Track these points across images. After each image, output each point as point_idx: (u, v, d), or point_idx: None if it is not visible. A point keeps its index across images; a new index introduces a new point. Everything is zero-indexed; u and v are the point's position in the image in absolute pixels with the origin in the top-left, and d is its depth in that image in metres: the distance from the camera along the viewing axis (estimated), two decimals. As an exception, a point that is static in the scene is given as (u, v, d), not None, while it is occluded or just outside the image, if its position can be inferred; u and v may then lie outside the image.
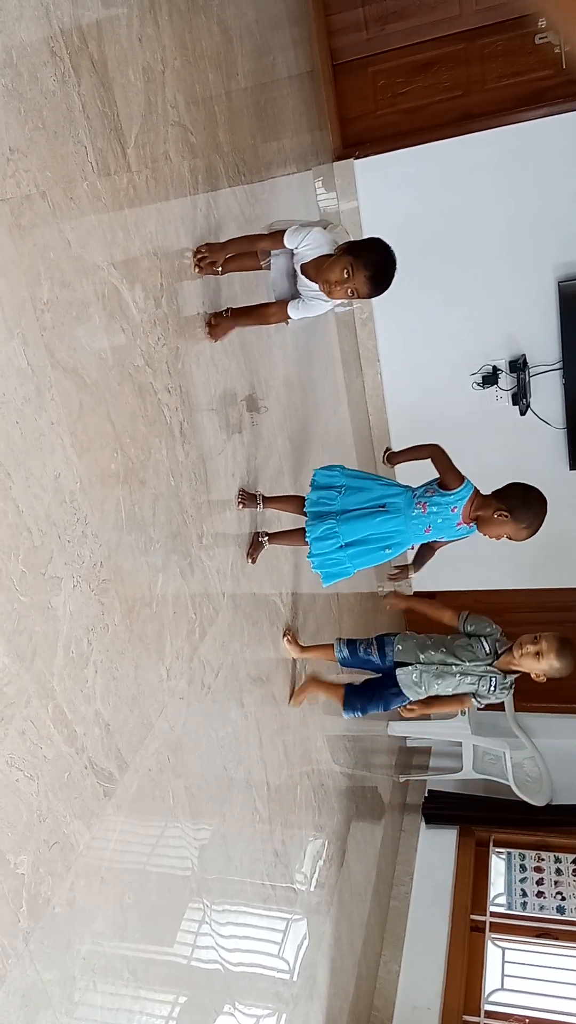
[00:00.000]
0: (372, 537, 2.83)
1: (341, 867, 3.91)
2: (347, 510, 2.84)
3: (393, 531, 2.82)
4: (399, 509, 2.81)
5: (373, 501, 2.84)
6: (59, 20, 1.93)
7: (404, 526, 2.81)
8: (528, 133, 4.32)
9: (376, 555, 2.86)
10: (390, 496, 2.85)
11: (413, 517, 2.80)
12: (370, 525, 2.81)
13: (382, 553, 2.85)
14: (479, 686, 3.06)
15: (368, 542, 2.83)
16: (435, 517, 2.79)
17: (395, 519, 2.81)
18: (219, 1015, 2.51)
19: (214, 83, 2.92)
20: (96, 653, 1.94)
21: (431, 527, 2.81)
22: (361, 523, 2.82)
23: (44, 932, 1.68)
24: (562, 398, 4.80)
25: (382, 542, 2.83)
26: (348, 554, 2.85)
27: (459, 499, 2.75)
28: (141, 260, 2.29)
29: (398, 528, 2.81)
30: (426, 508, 2.79)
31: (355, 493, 2.88)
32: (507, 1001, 4.23)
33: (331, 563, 2.89)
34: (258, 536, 3.08)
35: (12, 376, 1.69)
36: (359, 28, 4.52)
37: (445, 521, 2.79)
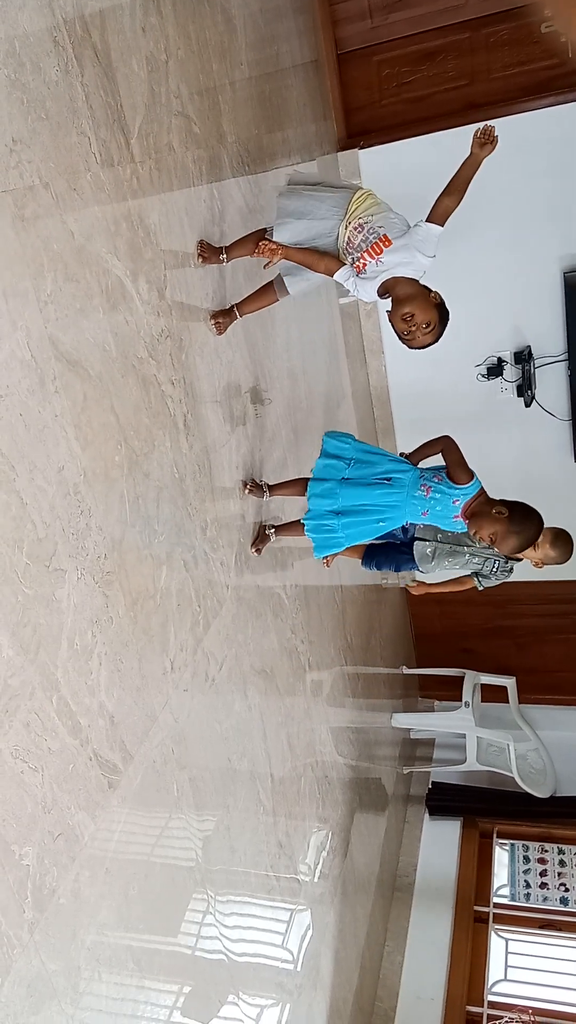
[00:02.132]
0: (369, 507, 2.82)
1: (345, 858, 3.92)
2: (351, 479, 2.85)
3: (391, 505, 2.82)
4: (403, 486, 2.82)
5: (380, 475, 2.85)
6: (62, 9, 1.92)
7: (403, 502, 2.81)
8: (534, 123, 4.29)
9: (369, 527, 2.86)
10: (397, 471, 2.85)
11: (415, 497, 2.80)
12: (370, 495, 2.81)
13: (375, 526, 2.85)
14: (484, 566, 3.29)
15: (363, 512, 2.83)
16: (435, 503, 2.79)
17: (397, 494, 2.81)
18: (223, 1005, 2.52)
19: (218, 73, 2.90)
20: (100, 645, 1.95)
21: (428, 511, 2.80)
22: (362, 491, 2.82)
23: (49, 923, 1.68)
24: (567, 390, 4.79)
25: (377, 514, 2.83)
26: (342, 523, 2.85)
27: (464, 494, 2.76)
28: (145, 251, 2.28)
29: (397, 503, 2.81)
30: (429, 492, 2.80)
31: (363, 466, 2.88)
32: (510, 992, 4.24)
33: (324, 531, 2.89)
34: (264, 528, 3.07)
35: (16, 368, 1.69)
36: (363, 17, 4.49)
37: (444, 510, 2.79)
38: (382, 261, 2.53)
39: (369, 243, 2.54)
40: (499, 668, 5.58)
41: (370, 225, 2.56)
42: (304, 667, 3.53)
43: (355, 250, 2.57)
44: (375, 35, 4.51)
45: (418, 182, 4.49)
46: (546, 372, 4.79)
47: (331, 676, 3.98)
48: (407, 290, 2.54)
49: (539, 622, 5.78)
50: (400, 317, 2.53)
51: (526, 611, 5.78)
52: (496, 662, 5.75)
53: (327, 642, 3.94)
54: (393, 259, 2.53)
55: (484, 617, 5.92)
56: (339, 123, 4.67)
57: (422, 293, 2.54)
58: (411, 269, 2.54)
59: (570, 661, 5.75)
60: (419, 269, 2.55)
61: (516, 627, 5.88)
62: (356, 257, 2.57)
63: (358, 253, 2.56)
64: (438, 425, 3.02)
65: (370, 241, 2.54)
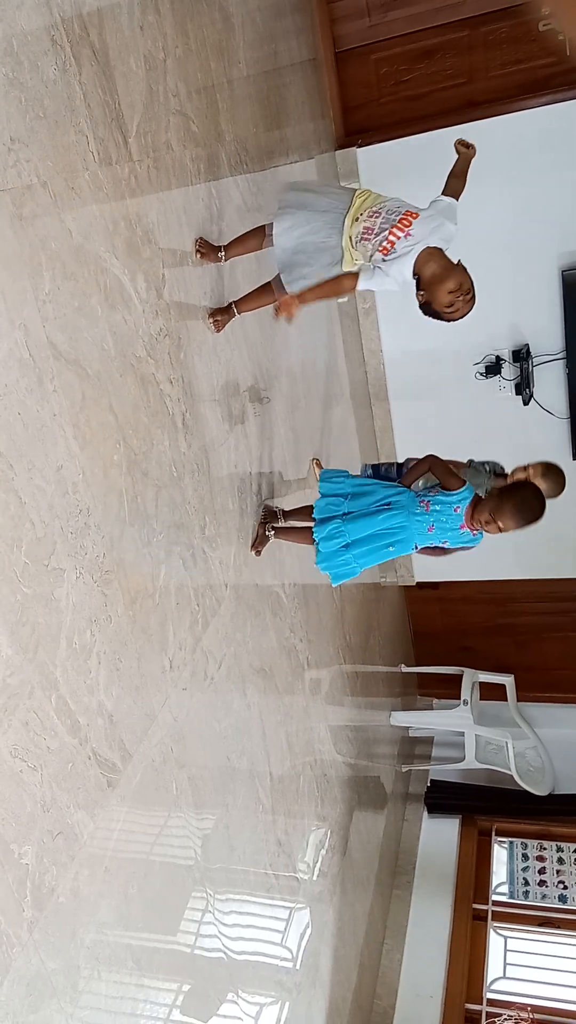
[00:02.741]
0: (377, 534, 2.86)
1: (344, 856, 3.93)
2: (353, 512, 2.90)
3: (397, 527, 2.85)
4: (403, 506, 2.86)
5: (378, 502, 2.89)
6: (60, 8, 1.92)
7: (408, 522, 2.84)
8: (532, 121, 4.29)
9: (381, 553, 2.90)
10: (394, 495, 2.90)
11: (416, 514, 2.84)
12: (375, 523, 2.85)
13: (386, 551, 2.89)
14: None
15: (373, 539, 2.87)
16: (438, 516, 2.81)
17: (399, 515, 2.85)
18: (222, 1003, 2.53)
19: (216, 71, 2.90)
20: (99, 644, 1.95)
21: (434, 526, 2.83)
22: (366, 521, 2.86)
23: (48, 921, 1.68)
24: (566, 388, 4.79)
25: (386, 539, 2.86)
26: (354, 553, 2.89)
27: (461, 499, 2.79)
28: (143, 250, 2.28)
29: (402, 524, 2.85)
30: (429, 506, 2.84)
31: (361, 498, 2.93)
32: (509, 989, 4.25)
33: (339, 564, 2.93)
34: (264, 529, 3.08)
35: (14, 367, 1.69)
36: (362, 15, 4.48)
37: (448, 520, 2.81)
38: (411, 234, 2.51)
39: (392, 222, 2.53)
40: (498, 666, 5.58)
41: (387, 207, 2.56)
42: (303, 666, 3.54)
43: (377, 233, 2.54)
44: (373, 33, 4.51)
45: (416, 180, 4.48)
46: (544, 370, 4.79)
47: (330, 675, 3.98)
48: (442, 262, 2.52)
49: (538, 620, 5.79)
50: (445, 291, 2.51)
51: (525, 609, 5.79)
52: (495, 660, 5.75)
53: (326, 641, 3.94)
54: (423, 229, 2.51)
55: (483, 615, 5.93)
56: (337, 121, 4.67)
57: (455, 263, 2.54)
58: (440, 237, 2.53)
59: (569, 659, 5.75)
60: (448, 237, 2.55)
61: (515, 625, 5.88)
62: (380, 240, 2.53)
63: (383, 234, 2.53)
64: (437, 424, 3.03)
65: (393, 220, 2.53)
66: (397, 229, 2.52)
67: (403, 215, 2.53)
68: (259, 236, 2.77)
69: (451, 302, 2.52)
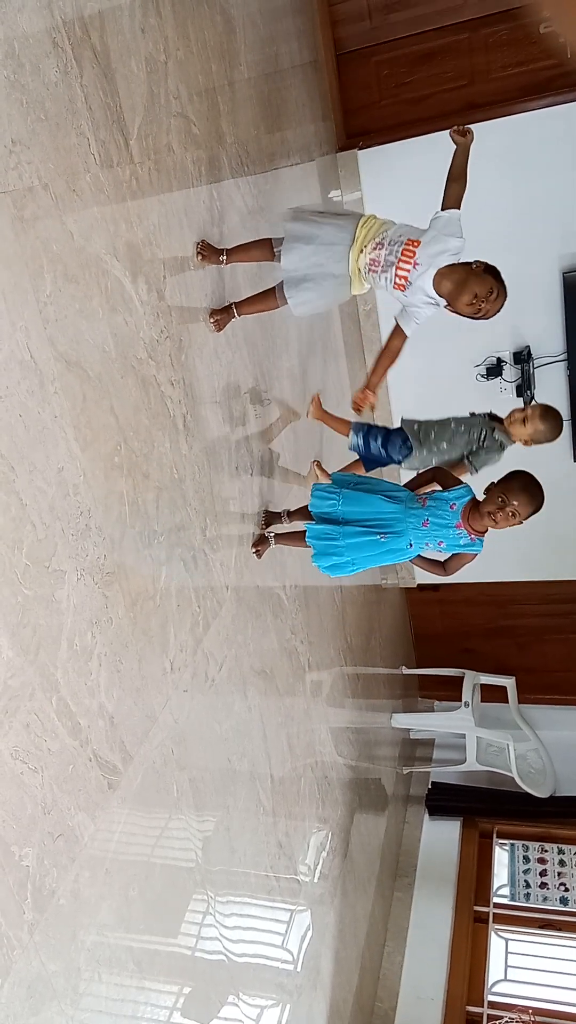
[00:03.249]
0: (369, 519, 2.81)
1: (345, 858, 3.92)
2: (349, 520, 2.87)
3: (392, 516, 2.80)
4: (400, 500, 2.84)
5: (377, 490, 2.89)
6: (61, 11, 1.92)
7: (402, 514, 2.80)
8: (533, 123, 4.30)
9: (371, 541, 2.83)
10: (393, 490, 2.90)
11: (412, 508, 2.81)
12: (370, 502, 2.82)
13: (377, 540, 2.82)
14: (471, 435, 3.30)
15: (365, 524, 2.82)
16: (433, 511, 2.78)
17: (394, 504, 2.81)
18: (223, 1006, 2.52)
19: (217, 74, 2.90)
20: (100, 646, 1.95)
21: (429, 521, 2.78)
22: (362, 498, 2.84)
23: (49, 923, 1.68)
24: (567, 389, 4.79)
25: (379, 527, 2.81)
26: (342, 531, 2.84)
27: (457, 496, 2.77)
28: (144, 252, 2.28)
29: (397, 514, 2.80)
30: (425, 502, 2.82)
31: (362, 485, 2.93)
32: (510, 992, 4.24)
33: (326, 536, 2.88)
34: (265, 532, 3.07)
35: (15, 369, 1.69)
36: (363, 18, 4.49)
37: (444, 517, 2.77)
38: (419, 263, 2.55)
39: (397, 254, 2.57)
40: (499, 668, 5.58)
41: (389, 238, 2.60)
42: (304, 667, 3.54)
43: (385, 267, 2.60)
44: (374, 36, 4.51)
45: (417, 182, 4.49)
46: (545, 372, 4.80)
47: (331, 676, 3.98)
48: (454, 277, 2.55)
49: (539, 622, 5.79)
50: (465, 304, 2.55)
51: (526, 611, 5.79)
52: (496, 662, 5.75)
53: (327, 642, 3.94)
54: (428, 253, 2.55)
55: (484, 617, 5.93)
56: (338, 124, 4.67)
57: (466, 271, 2.55)
58: (448, 255, 2.56)
59: (570, 661, 5.75)
60: (455, 252, 2.57)
61: (516, 627, 5.88)
62: (390, 277, 2.60)
63: (391, 269, 2.59)
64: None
65: (397, 252, 2.57)
66: (403, 263, 2.57)
67: (405, 245, 2.56)
68: (263, 248, 2.79)
69: (476, 310, 2.57)
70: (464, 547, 2.81)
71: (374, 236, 2.62)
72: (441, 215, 2.59)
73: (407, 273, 2.57)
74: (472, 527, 2.75)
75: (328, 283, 2.70)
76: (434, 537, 2.81)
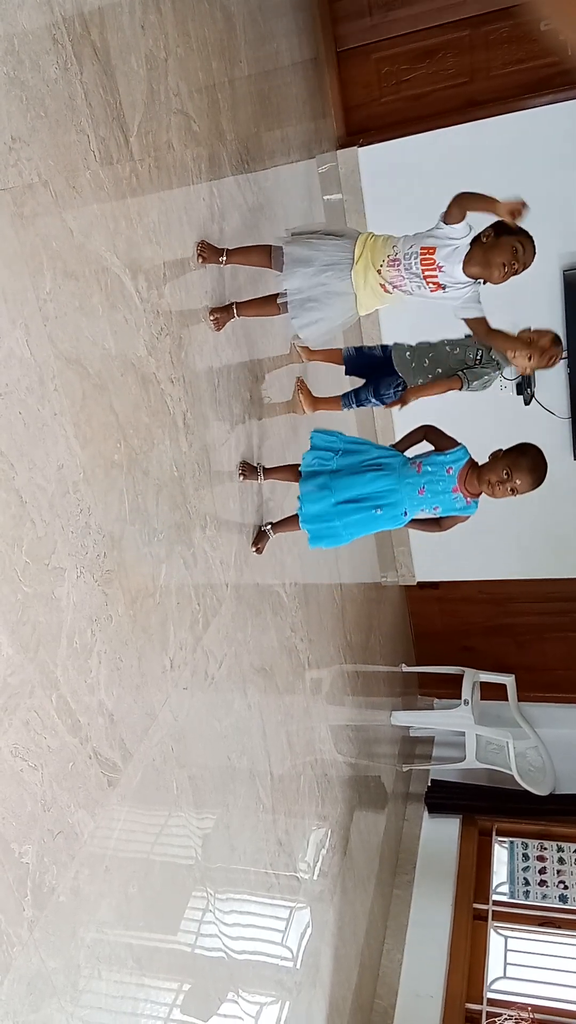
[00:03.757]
0: (364, 496, 2.79)
1: (344, 856, 3.93)
2: (341, 469, 2.84)
3: (386, 490, 2.78)
4: (393, 468, 2.80)
5: (369, 461, 2.83)
6: (61, 7, 1.92)
7: (398, 484, 2.77)
8: (533, 120, 4.29)
9: (366, 516, 2.81)
10: (386, 457, 2.84)
11: (407, 477, 2.77)
12: (362, 482, 2.79)
13: (372, 514, 2.80)
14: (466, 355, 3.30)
15: (359, 501, 2.80)
16: (430, 477, 2.74)
17: (388, 477, 2.78)
18: (223, 1002, 2.53)
19: (217, 71, 2.90)
20: (100, 643, 1.95)
21: (425, 488, 2.75)
22: (353, 479, 2.80)
23: (49, 921, 1.68)
24: (567, 388, 4.79)
25: (373, 501, 2.79)
26: (338, 510, 2.81)
27: (454, 460, 2.73)
28: (144, 250, 2.28)
29: (391, 487, 2.77)
30: (420, 467, 2.77)
31: (351, 456, 2.87)
32: (509, 989, 4.25)
33: (324, 528, 2.87)
34: (262, 526, 3.07)
35: (15, 366, 1.69)
36: (363, 15, 4.48)
37: (441, 483, 2.73)
38: (442, 266, 2.58)
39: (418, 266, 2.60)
40: (498, 666, 5.58)
41: (401, 252, 2.63)
42: (303, 665, 3.54)
43: (411, 279, 2.63)
44: (374, 32, 4.51)
45: (417, 180, 4.51)
46: (545, 370, 4.78)
47: (330, 674, 3.98)
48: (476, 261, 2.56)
49: (539, 620, 5.79)
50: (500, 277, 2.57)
51: (526, 609, 5.79)
52: (495, 660, 5.76)
53: (326, 640, 3.94)
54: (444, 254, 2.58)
55: (484, 615, 5.93)
56: (338, 121, 4.67)
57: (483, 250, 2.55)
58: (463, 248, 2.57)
59: (570, 659, 5.76)
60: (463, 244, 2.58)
61: (516, 625, 5.88)
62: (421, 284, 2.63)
63: (419, 280, 2.62)
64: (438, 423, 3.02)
65: (417, 265, 2.60)
66: (428, 271, 2.60)
67: (420, 256, 2.59)
68: (262, 254, 2.80)
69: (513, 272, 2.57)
70: (459, 510, 2.79)
71: (386, 253, 2.65)
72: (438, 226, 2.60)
73: (435, 277, 2.60)
74: (468, 490, 2.72)
75: (334, 303, 2.73)
76: (430, 503, 2.78)
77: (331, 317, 2.77)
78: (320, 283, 2.70)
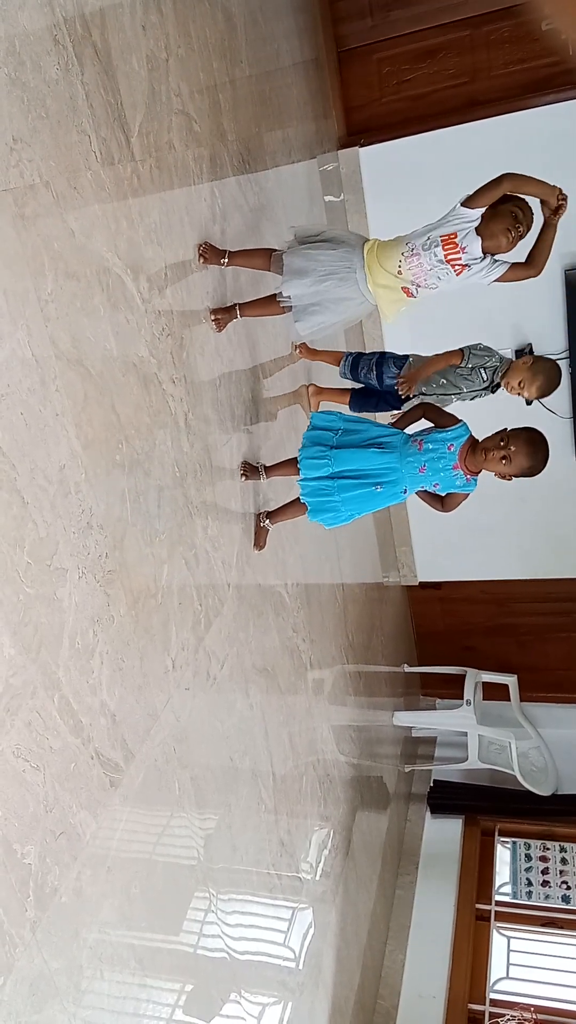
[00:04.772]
0: (364, 472, 2.78)
1: (347, 856, 3.93)
2: (342, 444, 2.83)
3: (386, 468, 2.76)
4: (395, 447, 2.78)
5: (370, 439, 2.82)
6: (62, 8, 1.92)
7: (398, 463, 2.75)
8: (535, 120, 4.28)
9: (367, 493, 2.79)
10: (387, 435, 2.82)
11: (408, 454, 2.75)
12: (364, 457, 2.77)
13: (372, 491, 2.78)
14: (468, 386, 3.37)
15: (359, 477, 2.78)
16: (431, 455, 2.73)
17: (389, 455, 2.76)
18: (225, 1003, 2.53)
19: (218, 71, 2.90)
20: (102, 644, 1.95)
21: (426, 466, 2.73)
22: (355, 453, 2.78)
23: (51, 921, 1.68)
24: (569, 387, 4.77)
25: (374, 478, 2.77)
26: (338, 484, 2.79)
27: (456, 437, 2.72)
28: (145, 250, 2.28)
29: (391, 465, 2.76)
30: (422, 445, 2.75)
31: (352, 434, 2.86)
32: (512, 990, 4.24)
33: (320, 492, 2.84)
34: (259, 521, 3.05)
35: (17, 367, 1.69)
36: (364, 15, 4.48)
37: (442, 460, 2.72)
38: (465, 248, 2.62)
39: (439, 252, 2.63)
40: (501, 666, 5.58)
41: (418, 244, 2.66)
42: (306, 666, 3.54)
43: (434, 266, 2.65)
44: (375, 33, 4.50)
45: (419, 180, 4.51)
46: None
47: (332, 675, 3.98)
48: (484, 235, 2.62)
49: (541, 620, 5.78)
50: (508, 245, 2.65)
51: (528, 609, 5.78)
52: (498, 660, 5.75)
53: (328, 641, 3.94)
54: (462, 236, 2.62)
55: (486, 615, 5.93)
56: (339, 121, 4.66)
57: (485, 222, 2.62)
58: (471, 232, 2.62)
59: (572, 659, 5.75)
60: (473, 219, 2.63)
61: (518, 625, 5.87)
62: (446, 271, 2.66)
63: (441, 266, 2.65)
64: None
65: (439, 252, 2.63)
66: (453, 256, 2.63)
67: (441, 243, 2.63)
68: (264, 258, 2.82)
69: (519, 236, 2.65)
70: (460, 487, 2.78)
71: (398, 252, 2.66)
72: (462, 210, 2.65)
73: (460, 259, 2.64)
74: (467, 466, 2.71)
75: (337, 308, 2.76)
76: (430, 481, 2.77)
77: (334, 319, 2.79)
78: (322, 290, 2.72)
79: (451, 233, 2.62)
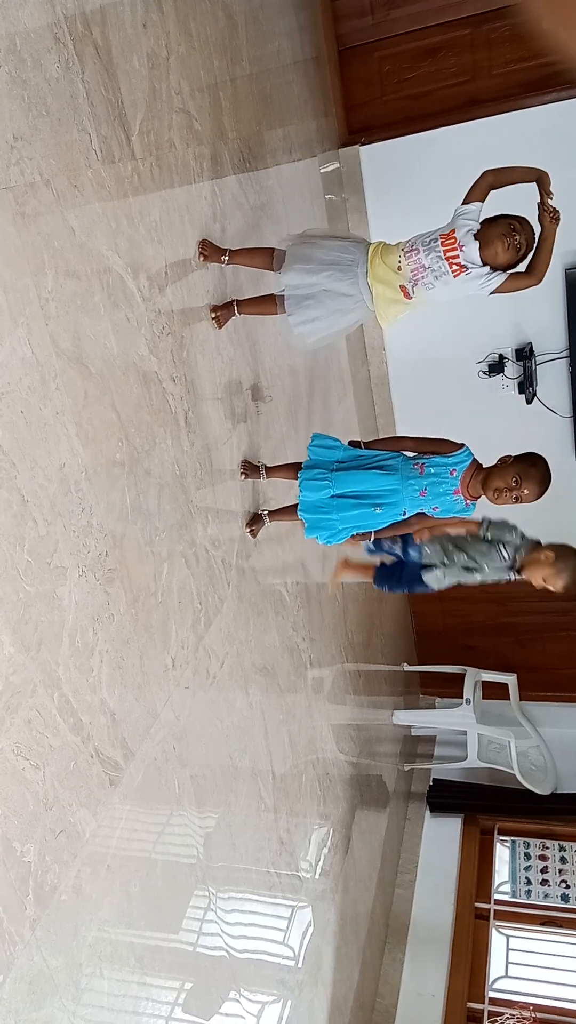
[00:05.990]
0: (365, 492, 2.76)
1: (346, 855, 3.93)
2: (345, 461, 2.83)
3: (387, 489, 2.75)
4: (396, 469, 2.76)
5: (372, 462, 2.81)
6: (63, 6, 1.92)
7: (399, 485, 2.74)
8: (535, 119, 4.28)
9: (364, 512, 2.78)
10: (388, 458, 2.81)
11: (410, 477, 2.74)
12: (365, 478, 2.76)
13: (371, 512, 2.77)
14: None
15: (359, 497, 2.77)
16: (432, 479, 2.71)
17: (391, 476, 2.75)
18: (225, 1001, 2.53)
19: (219, 70, 2.90)
20: (102, 643, 1.95)
21: (427, 490, 2.72)
22: (356, 475, 2.78)
23: (51, 919, 1.69)
24: (569, 386, 4.78)
25: (373, 499, 2.75)
26: (336, 504, 2.78)
27: (458, 462, 2.70)
28: (146, 248, 2.28)
29: (393, 487, 2.74)
30: (423, 469, 2.73)
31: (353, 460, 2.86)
32: (511, 988, 4.25)
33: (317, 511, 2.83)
34: (259, 512, 3.04)
35: (17, 366, 1.69)
36: (365, 13, 4.48)
37: (443, 484, 2.71)
38: (463, 246, 2.61)
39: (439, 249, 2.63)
40: (500, 665, 5.58)
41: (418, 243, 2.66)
42: (305, 664, 3.54)
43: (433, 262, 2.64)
44: (376, 31, 4.50)
45: (419, 178, 4.51)
46: (547, 369, 4.79)
47: (332, 673, 3.98)
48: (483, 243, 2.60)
49: (540, 619, 5.78)
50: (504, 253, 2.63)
51: (527, 608, 5.78)
52: (497, 659, 5.75)
53: (328, 639, 3.94)
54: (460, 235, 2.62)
55: (485, 614, 5.92)
56: (340, 119, 4.66)
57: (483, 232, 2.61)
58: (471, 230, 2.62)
59: (571, 658, 5.75)
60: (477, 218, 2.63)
61: (517, 624, 5.87)
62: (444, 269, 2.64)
63: (439, 262, 2.64)
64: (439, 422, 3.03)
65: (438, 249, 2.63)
66: (451, 253, 2.62)
67: (440, 240, 2.63)
68: (265, 257, 2.80)
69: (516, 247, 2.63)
70: (459, 512, 2.77)
71: (401, 253, 2.66)
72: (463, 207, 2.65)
73: (457, 258, 2.63)
74: (470, 492, 2.70)
75: (331, 303, 2.72)
76: (430, 504, 2.76)
77: (328, 317, 2.76)
78: (318, 282, 2.69)
79: (450, 230, 2.63)
